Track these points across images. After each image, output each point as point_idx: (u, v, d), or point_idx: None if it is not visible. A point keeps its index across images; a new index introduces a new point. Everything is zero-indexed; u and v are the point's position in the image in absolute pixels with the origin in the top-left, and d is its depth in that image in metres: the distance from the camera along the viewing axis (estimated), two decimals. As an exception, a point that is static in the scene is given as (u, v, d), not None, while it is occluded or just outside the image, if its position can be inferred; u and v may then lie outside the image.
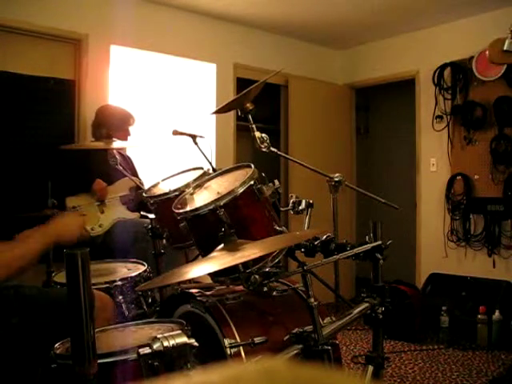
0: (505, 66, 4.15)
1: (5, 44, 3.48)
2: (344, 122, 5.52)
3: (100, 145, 3.03)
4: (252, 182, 1.66)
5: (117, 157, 3.20)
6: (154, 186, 2.34)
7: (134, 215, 3.21)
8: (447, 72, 4.57)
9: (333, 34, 5.03)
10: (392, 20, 4.65)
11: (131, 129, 3.43)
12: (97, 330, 1.30)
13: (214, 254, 1.47)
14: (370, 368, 1.75)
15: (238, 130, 4.70)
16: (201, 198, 1.77)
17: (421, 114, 4.87)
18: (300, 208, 1.87)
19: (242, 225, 1.62)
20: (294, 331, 1.54)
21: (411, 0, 4.17)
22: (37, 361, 1.48)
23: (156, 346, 1.17)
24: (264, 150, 1.86)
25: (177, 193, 2.02)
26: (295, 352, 1.49)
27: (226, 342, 1.57)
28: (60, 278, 2.17)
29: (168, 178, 2.33)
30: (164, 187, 2.20)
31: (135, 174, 3.39)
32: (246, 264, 1.58)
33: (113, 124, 3.32)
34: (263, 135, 1.86)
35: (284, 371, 0.37)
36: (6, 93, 3.45)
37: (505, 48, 3.92)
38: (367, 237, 1.80)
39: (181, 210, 1.70)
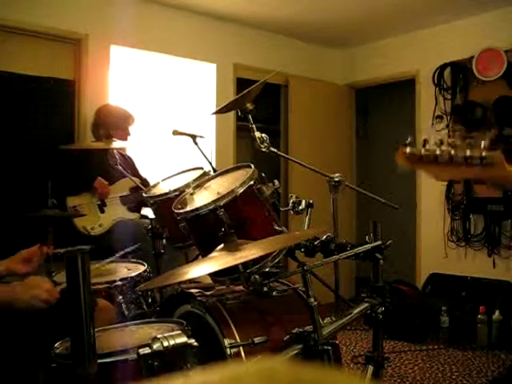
0: (505, 66, 4.15)
1: (5, 44, 3.48)
2: (344, 121, 5.52)
3: (100, 145, 3.03)
4: (252, 182, 1.66)
5: (116, 157, 3.20)
6: (154, 186, 2.35)
7: (133, 215, 3.21)
8: (447, 72, 4.57)
9: (333, 33, 5.03)
10: (392, 20, 4.65)
11: (131, 128, 3.43)
12: (97, 329, 1.30)
13: (213, 254, 1.47)
14: (370, 368, 1.75)
15: (238, 130, 4.69)
16: (201, 198, 1.77)
17: (421, 115, 4.87)
18: (300, 208, 1.88)
19: (242, 225, 1.62)
20: (294, 331, 1.54)
21: (411, 0, 4.17)
22: (39, 360, 1.47)
23: (156, 346, 1.17)
24: (264, 150, 1.87)
25: (177, 193, 2.02)
26: (295, 352, 1.49)
27: (226, 342, 1.57)
28: (60, 277, 2.17)
29: (168, 177, 2.34)
30: (164, 187, 2.20)
31: (136, 173, 3.39)
32: (245, 264, 1.58)
33: (111, 123, 3.32)
34: (263, 135, 1.87)
35: (284, 371, 0.37)
36: (6, 93, 3.45)
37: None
38: (367, 237, 1.80)
39: (181, 210, 1.71)
